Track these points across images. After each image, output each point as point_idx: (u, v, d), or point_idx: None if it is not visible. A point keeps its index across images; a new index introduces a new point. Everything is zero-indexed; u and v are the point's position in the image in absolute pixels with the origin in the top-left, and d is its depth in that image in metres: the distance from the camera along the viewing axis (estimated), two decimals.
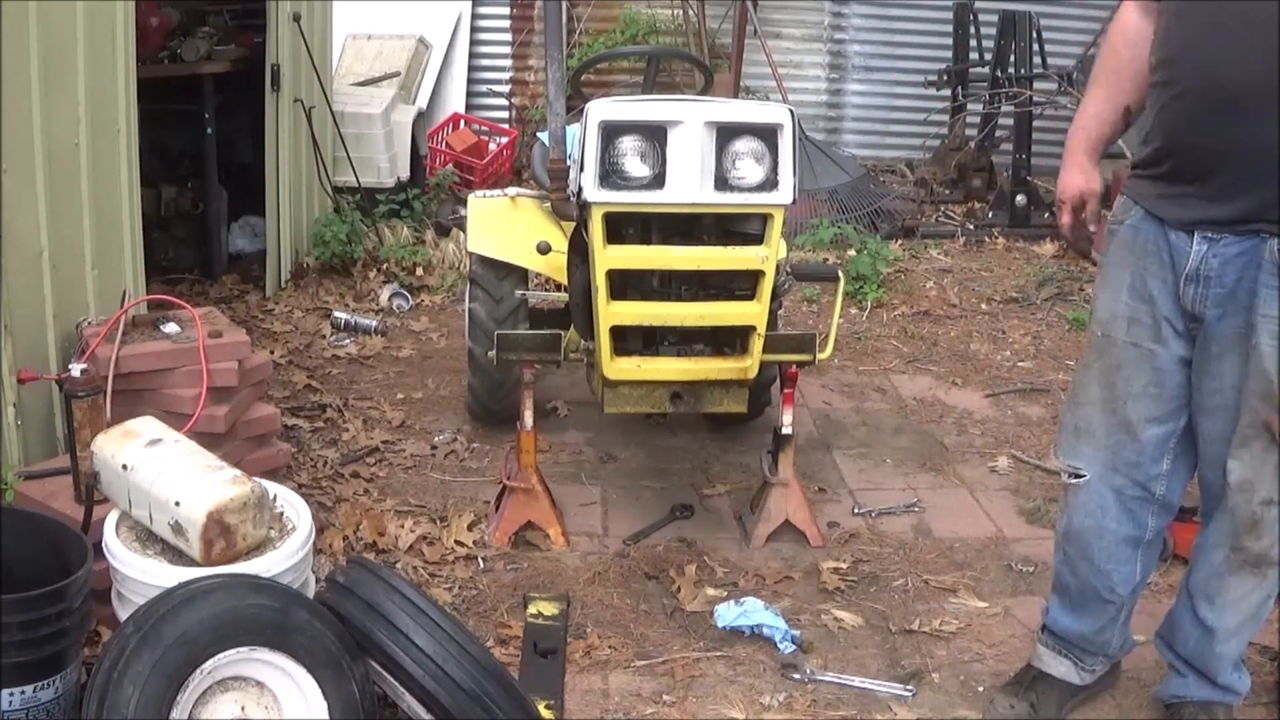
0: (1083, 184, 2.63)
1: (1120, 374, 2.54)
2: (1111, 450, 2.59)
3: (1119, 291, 2.53)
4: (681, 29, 8.32)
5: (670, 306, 3.25)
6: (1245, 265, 2.33)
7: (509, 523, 3.54)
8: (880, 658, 3.05)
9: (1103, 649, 2.81)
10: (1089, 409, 2.61)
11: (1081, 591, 2.74)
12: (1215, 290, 2.37)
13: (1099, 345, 2.59)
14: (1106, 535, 2.65)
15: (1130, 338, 2.52)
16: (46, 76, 3.27)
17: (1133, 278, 2.50)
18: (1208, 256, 2.36)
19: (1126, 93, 2.56)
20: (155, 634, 2.16)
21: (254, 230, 6.34)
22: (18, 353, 3.15)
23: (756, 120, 3.08)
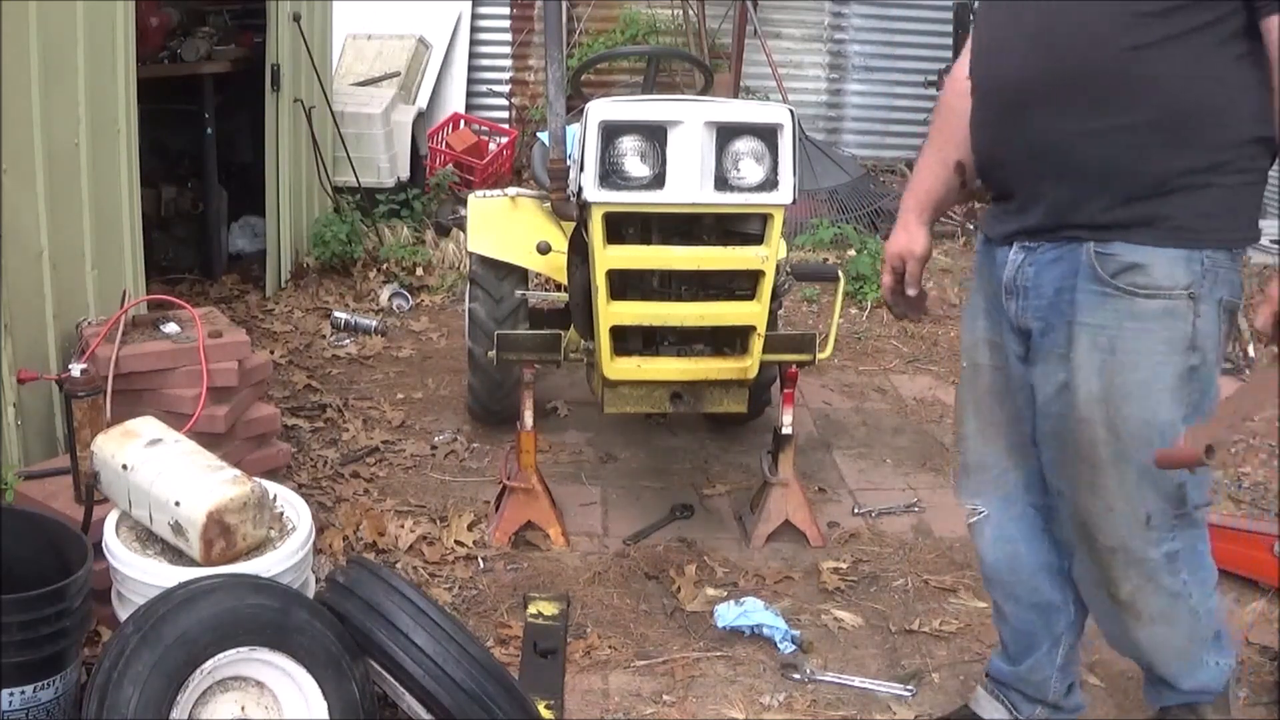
0: (904, 244, 2.47)
1: (990, 400, 2.41)
2: (1002, 480, 2.44)
3: (976, 317, 2.41)
4: (681, 29, 8.32)
5: (670, 306, 3.25)
6: (1064, 274, 2.16)
7: (509, 523, 3.54)
8: (880, 658, 3.05)
9: (1040, 693, 2.55)
10: (970, 442, 2.48)
11: (1015, 634, 2.54)
12: (1035, 302, 2.22)
13: (966, 375, 2.47)
14: (1022, 567, 2.46)
15: (993, 362, 2.39)
16: (46, 76, 3.27)
17: (986, 301, 2.38)
18: (1023, 266, 2.22)
19: (959, 147, 2.36)
20: (155, 634, 2.16)
21: (254, 230, 6.35)
22: (18, 353, 3.15)
23: (756, 120, 3.08)
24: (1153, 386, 2.09)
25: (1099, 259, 2.09)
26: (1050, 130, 2.10)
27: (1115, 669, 3.00)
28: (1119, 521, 2.18)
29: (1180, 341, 2.07)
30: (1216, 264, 2.05)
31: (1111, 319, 2.09)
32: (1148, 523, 2.16)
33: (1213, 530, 3.44)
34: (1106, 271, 2.08)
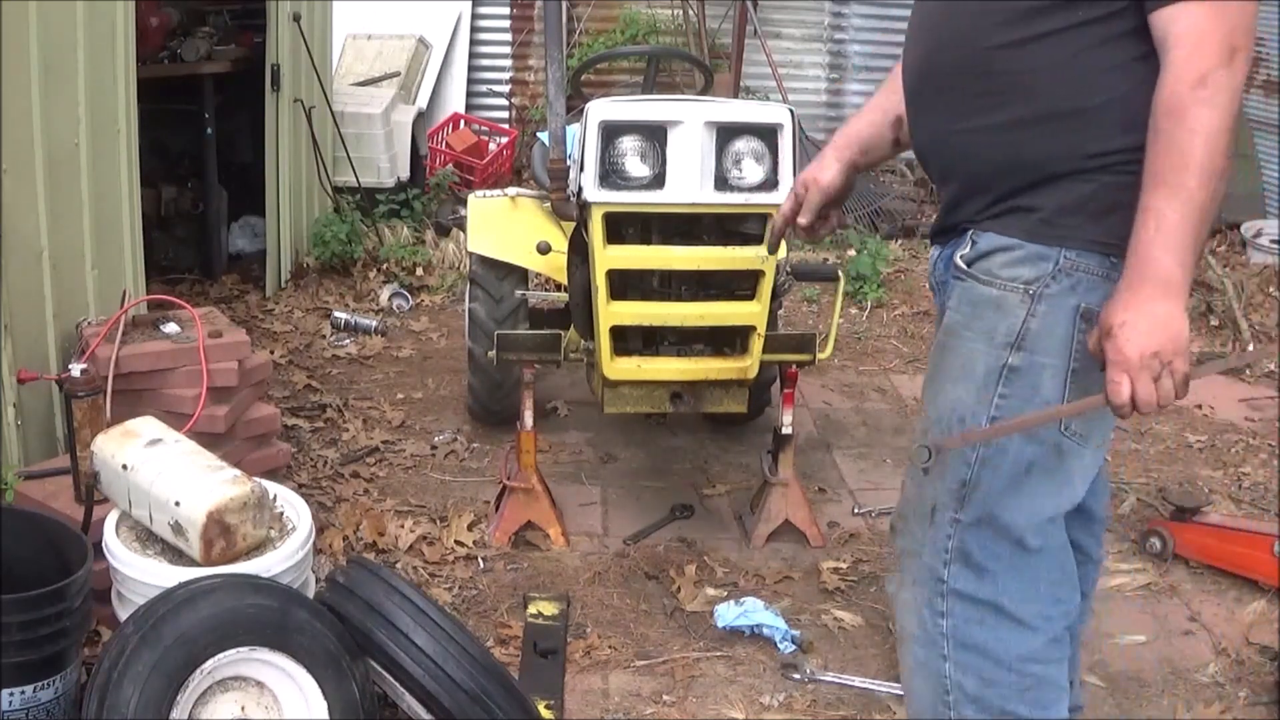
0: (812, 171, 2.30)
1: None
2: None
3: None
4: (681, 29, 8.32)
5: (670, 306, 3.25)
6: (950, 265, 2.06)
7: (509, 523, 3.54)
8: (880, 658, 3.05)
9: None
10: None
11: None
12: (941, 298, 2.15)
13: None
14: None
15: None
16: (46, 76, 3.27)
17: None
18: (937, 262, 2.15)
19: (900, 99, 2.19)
20: (155, 634, 2.16)
21: (254, 230, 6.35)
22: (18, 353, 3.15)
23: (756, 120, 3.08)
24: (961, 375, 1.95)
25: (967, 247, 1.99)
26: (935, 128, 2.03)
27: (1115, 669, 3.00)
28: (909, 504, 2.07)
29: (1001, 336, 1.90)
30: (1079, 267, 1.86)
31: (955, 303, 2.00)
32: (932, 515, 1.99)
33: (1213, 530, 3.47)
34: (964, 259, 1.98)
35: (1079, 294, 1.85)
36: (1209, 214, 1.77)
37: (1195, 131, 1.73)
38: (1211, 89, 1.73)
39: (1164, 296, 1.72)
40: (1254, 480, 4.13)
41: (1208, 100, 1.73)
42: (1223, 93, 1.74)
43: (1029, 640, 1.98)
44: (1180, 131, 1.73)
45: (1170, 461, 4.25)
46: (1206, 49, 1.74)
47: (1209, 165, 1.75)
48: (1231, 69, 1.74)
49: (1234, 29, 1.74)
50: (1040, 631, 1.98)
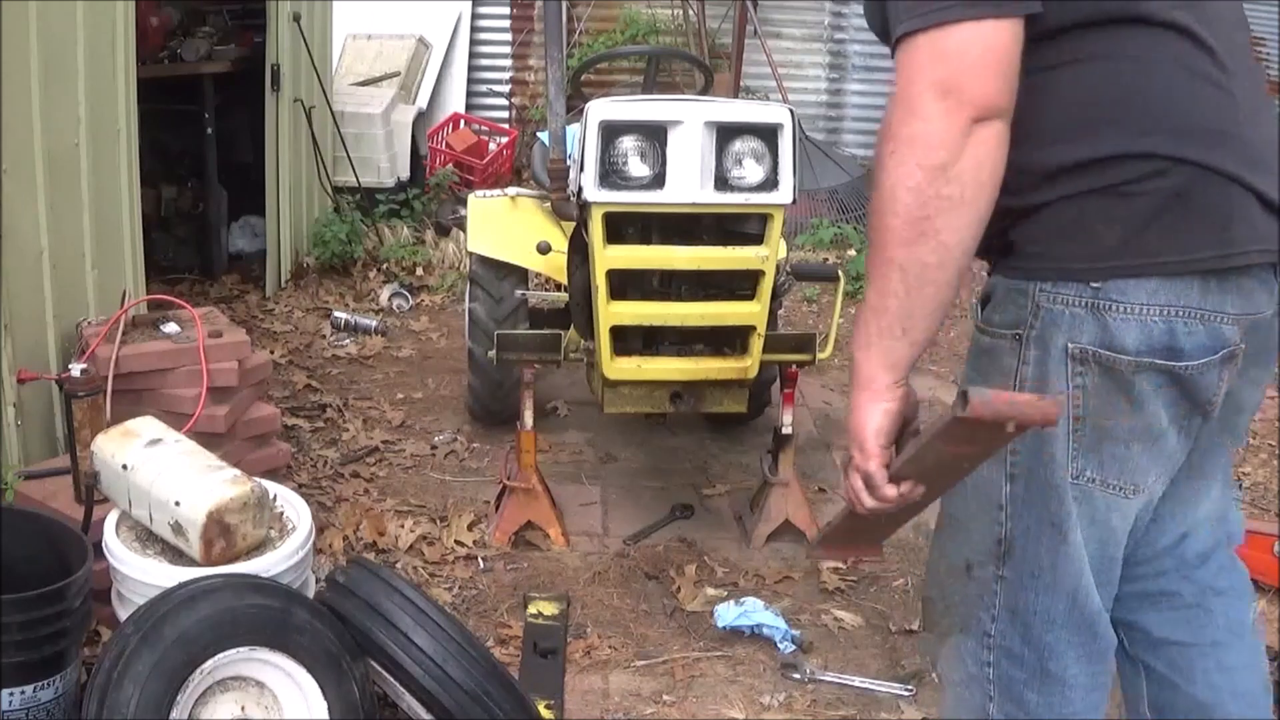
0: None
1: None
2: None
3: None
4: (681, 29, 8.32)
5: (670, 306, 3.25)
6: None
7: (509, 523, 3.54)
8: (880, 658, 3.05)
9: None
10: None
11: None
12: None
13: None
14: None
15: None
16: (46, 76, 3.27)
17: None
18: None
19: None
20: (155, 634, 2.16)
21: (254, 230, 6.35)
22: (18, 353, 3.15)
23: (756, 120, 3.08)
24: None
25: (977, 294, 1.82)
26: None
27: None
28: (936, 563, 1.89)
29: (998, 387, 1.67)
30: (1057, 300, 1.61)
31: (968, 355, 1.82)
32: (969, 571, 1.82)
33: None
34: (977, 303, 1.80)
35: (1064, 332, 1.61)
36: (920, 290, 1.56)
37: (879, 195, 1.54)
38: (897, 142, 1.51)
39: (857, 394, 1.64)
40: (1254, 480, 4.14)
41: (892, 155, 1.52)
42: (914, 146, 1.50)
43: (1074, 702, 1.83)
44: (873, 197, 1.56)
45: None
46: (908, 94, 1.51)
47: (897, 234, 1.54)
48: (936, 117, 1.49)
49: (955, 69, 1.49)
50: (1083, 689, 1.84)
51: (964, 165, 1.50)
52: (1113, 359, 1.61)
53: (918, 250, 1.55)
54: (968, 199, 1.52)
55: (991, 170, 1.53)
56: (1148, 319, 1.58)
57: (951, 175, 1.50)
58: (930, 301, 1.58)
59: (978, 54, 1.49)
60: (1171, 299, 1.58)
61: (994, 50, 1.50)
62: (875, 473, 1.63)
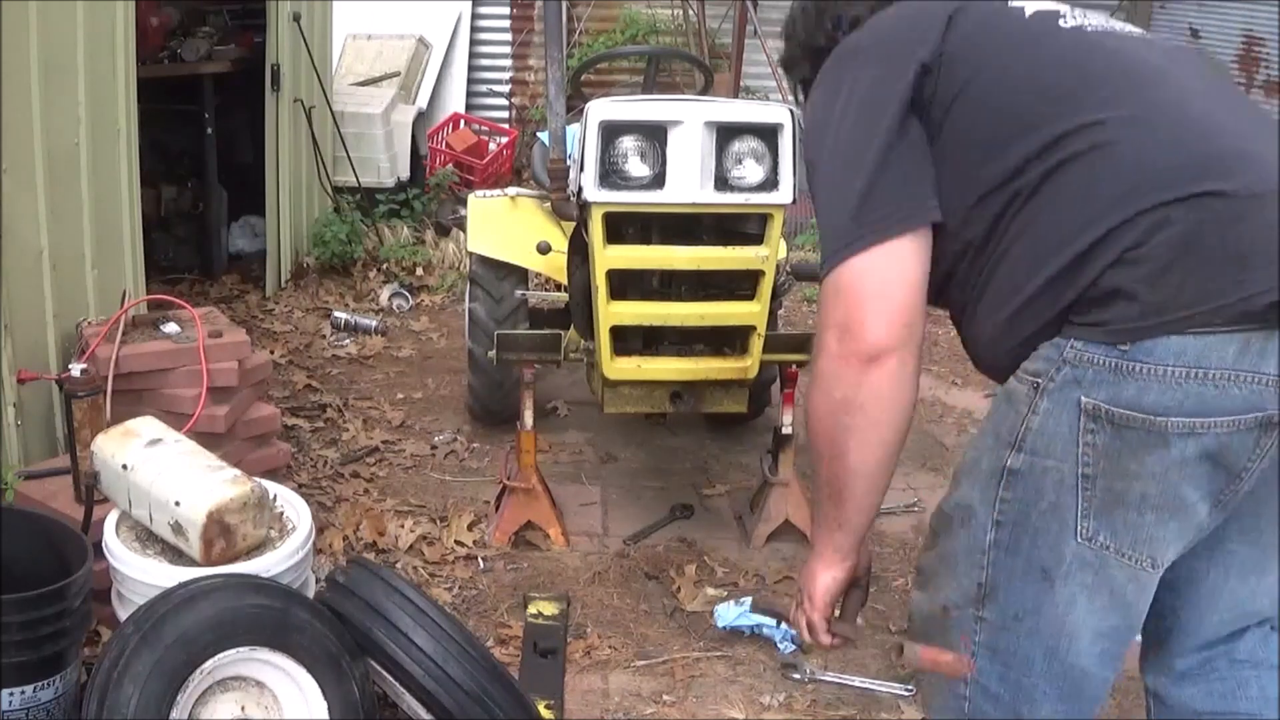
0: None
1: None
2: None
3: None
4: (681, 29, 8.32)
5: (670, 306, 3.25)
6: None
7: (509, 523, 3.54)
8: (880, 658, 3.05)
9: None
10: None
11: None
12: None
13: None
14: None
15: None
16: (46, 76, 3.27)
17: None
18: None
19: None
20: (155, 634, 2.16)
21: (254, 230, 6.35)
22: (18, 353, 3.15)
23: (756, 120, 3.08)
24: (971, 469, 1.79)
25: None
26: None
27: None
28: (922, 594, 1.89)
29: (1005, 433, 1.71)
30: (1084, 359, 1.61)
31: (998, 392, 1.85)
32: (945, 613, 1.83)
33: None
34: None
35: (1083, 387, 1.62)
36: (843, 499, 1.79)
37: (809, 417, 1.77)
38: (813, 375, 1.75)
39: (813, 560, 1.91)
40: None
41: (810, 384, 1.76)
42: (821, 381, 1.73)
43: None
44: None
45: None
46: (818, 333, 1.73)
47: (819, 452, 1.78)
48: (835, 358, 1.70)
49: (847, 311, 1.68)
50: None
51: (863, 398, 1.70)
52: (1128, 417, 1.59)
53: (835, 468, 1.78)
54: (870, 427, 1.72)
55: (891, 400, 1.71)
56: (1171, 378, 1.56)
57: (853, 408, 1.71)
58: (855, 506, 1.81)
59: (870, 290, 1.69)
60: (1201, 358, 1.55)
61: (887, 282, 1.69)
62: (817, 623, 1.92)
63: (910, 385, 1.73)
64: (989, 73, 1.73)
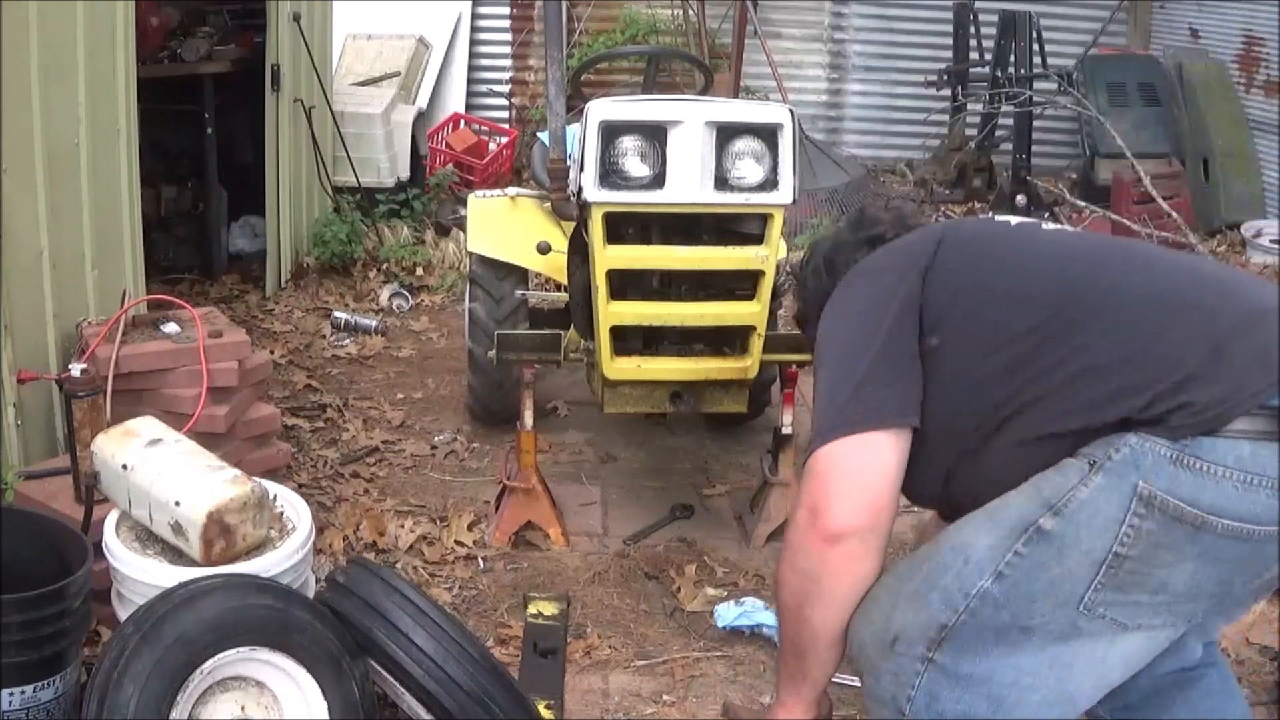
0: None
1: None
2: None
3: None
4: (681, 29, 8.32)
5: (670, 306, 3.25)
6: None
7: (509, 523, 3.54)
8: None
9: None
10: None
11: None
12: None
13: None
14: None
15: None
16: (46, 76, 3.27)
17: None
18: None
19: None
20: (155, 634, 2.16)
21: (254, 230, 6.35)
22: (18, 353, 3.15)
23: (756, 120, 3.08)
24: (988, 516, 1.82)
25: None
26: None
27: None
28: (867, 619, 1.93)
29: (1046, 493, 1.75)
30: (1144, 445, 1.69)
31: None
32: (892, 645, 1.86)
33: None
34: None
35: (1141, 472, 1.67)
36: (804, 657, 2.00)
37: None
38: (784, 544, 1.97)
39: (778, 708, 2.11)
40: None
41: (781, 553, 1.97)
42: (790, 551, 1.94)
43: None
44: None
45: None
46: (794, 509, 1.93)
47: (783, 615, 1.99)
48: (805, 533, 1.89)
49: (818, 494, 1.86)
50: None
51: (823, 573, 1.89)
52: (1182, 510, 1.66)
53: (798, 629, 1.97)
54: (829, 598, 1.90)
55: (850, 579, 1.89)
56: (1228, 479, 1.64)
57: (814, 579, 1.90)
58: (816, 661, 2.00)
59: (840, 476, 1.86)
60: (1261, 466, 1.64)
61: (859, 470, 1.85)
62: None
63: (870, 565, 1.88)
64: (982, 276, 1.94)
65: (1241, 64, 7.43)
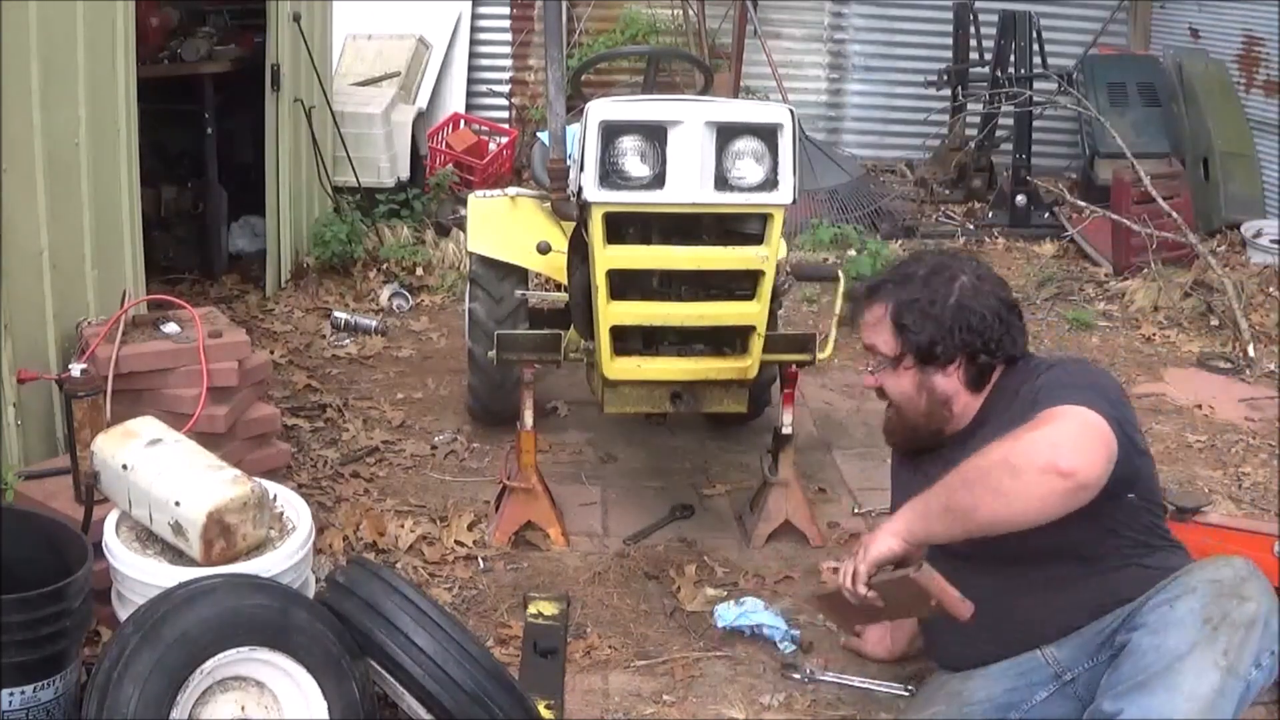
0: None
1: None
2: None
3: None
4: (681, 29, 8.32)
5: (670, 306, 3.25)
6: None
7: (509, 523, 3.54)
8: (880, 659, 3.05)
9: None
10: None
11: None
12: None
13: None
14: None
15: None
16: (46, 76, 3.27)
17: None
18: None
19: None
20: (155, 634, 2.16)
21: (254, 230, 6.34)
22: (18, 353, 3.15)
23: (756, 120, 3.08)
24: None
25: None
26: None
27: None
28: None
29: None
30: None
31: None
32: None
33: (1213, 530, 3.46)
34: None
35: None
36: (954, 512, 2.21)
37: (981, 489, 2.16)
38: (1044, 436, 2.13)
39: (887, 525, 2.30)
40: (1254, 480, 4.13)
41: (1036, 437, 2.14)
42: (1040, 447, 2.12)
43: None
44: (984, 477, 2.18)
45: (1170, 461, 4.24)
46: (1064, 425, 2.15)
47: (983, 474, 2.16)
48: (1054, 451, 2.09)
49: (1076, 432, 2.13)
50: None
51: (1026, 484, 2.11)
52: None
53: (974, 493, 2.17)
54: (1008, 499, 2.13)
55: (1036, 506, 2.13)
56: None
57: (1016, 476, 2.11)
58: (951, 521, 2.22)
59: (1096, 434, 2.16)
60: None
61: (1107, 443, 2.15)
62: (861, 573, 2.27)
63: (1057, 511, 2.11)
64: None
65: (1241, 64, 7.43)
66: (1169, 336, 5.56)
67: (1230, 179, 7.08)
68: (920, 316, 2.49)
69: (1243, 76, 7.41)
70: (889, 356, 2.54)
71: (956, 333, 2.47)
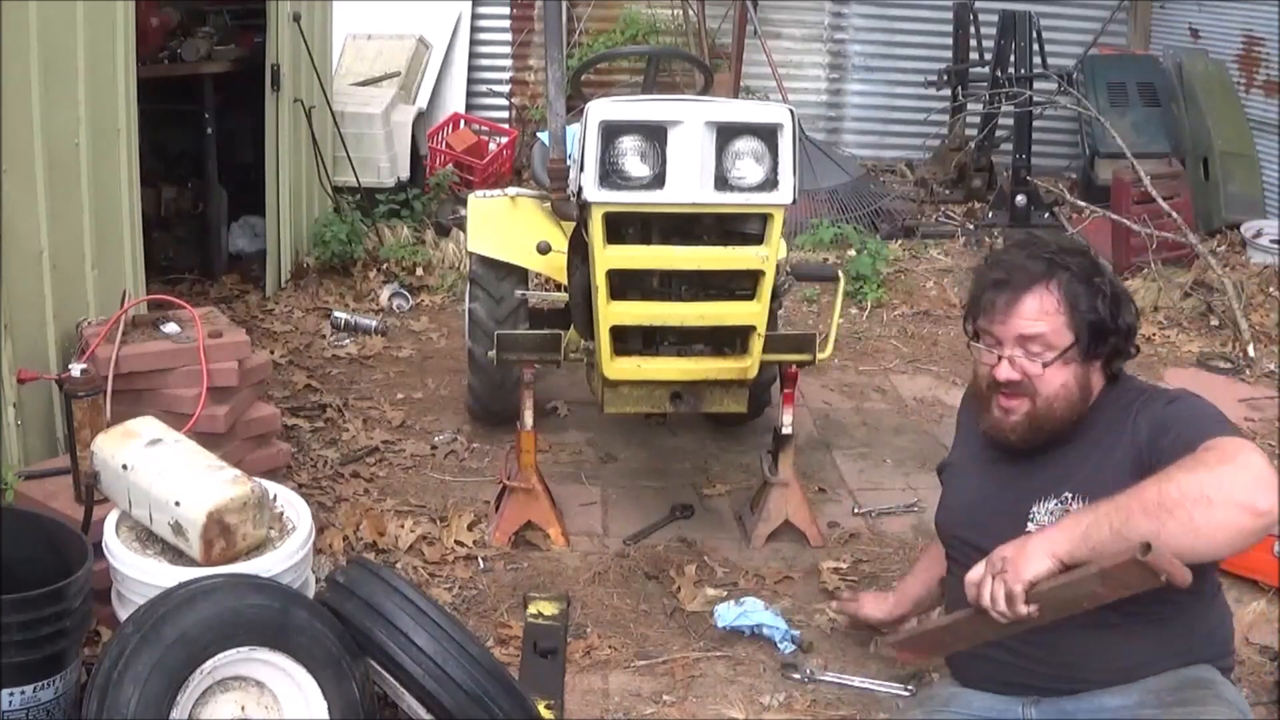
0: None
1: None
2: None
3: None
4: (681, 29, 8.32)
5: (670, 306, 3.25)
6: None
7: (509, 523, 3.54)
8: (880, 658, 3.05)
9: None
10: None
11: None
12: None
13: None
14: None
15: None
16: (46, 76, 3.27)
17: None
18: None
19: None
20: (155, 634, 2.16)
21: (254, 230, 6.34)
22: (18, 353, 3.15)
23: (756, 120, 3.08)
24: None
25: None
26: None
27: None
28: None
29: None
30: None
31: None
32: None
33: None
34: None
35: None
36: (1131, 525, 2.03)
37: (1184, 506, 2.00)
38: (1247, 469, 2.02)
39: (1043, 539, 2.10)
40: None
41: (1240, 468, 2.03)
42: (1244, 483, 2.01)
43: None
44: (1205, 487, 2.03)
45: None
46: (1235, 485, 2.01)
47: (1182, 498, 2.01)
48: (1245, 488, 2.00)
49: (1264, 473, 2.02)
50: None
51: (1222, 519, 2.00)
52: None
53: (1148, 512, 2.02)
54: (1196, 534, 2.00)
55: (1224, 539, 2.03)
56: None
57: (1210, 509, 2.00)
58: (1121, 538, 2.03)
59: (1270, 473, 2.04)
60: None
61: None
62: (1019, 593, 2.06)
63: (1239, 548, 2.06)
64: None
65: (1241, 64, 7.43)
66: (1169, 336, 5.56)
67: (1230, 179, 7.07)
68: (1098, 301, 2.33)
69: (1243, 76, 7.40)
70: (1058, 348, 2.30)
71: (1121, 321, 2.34)
